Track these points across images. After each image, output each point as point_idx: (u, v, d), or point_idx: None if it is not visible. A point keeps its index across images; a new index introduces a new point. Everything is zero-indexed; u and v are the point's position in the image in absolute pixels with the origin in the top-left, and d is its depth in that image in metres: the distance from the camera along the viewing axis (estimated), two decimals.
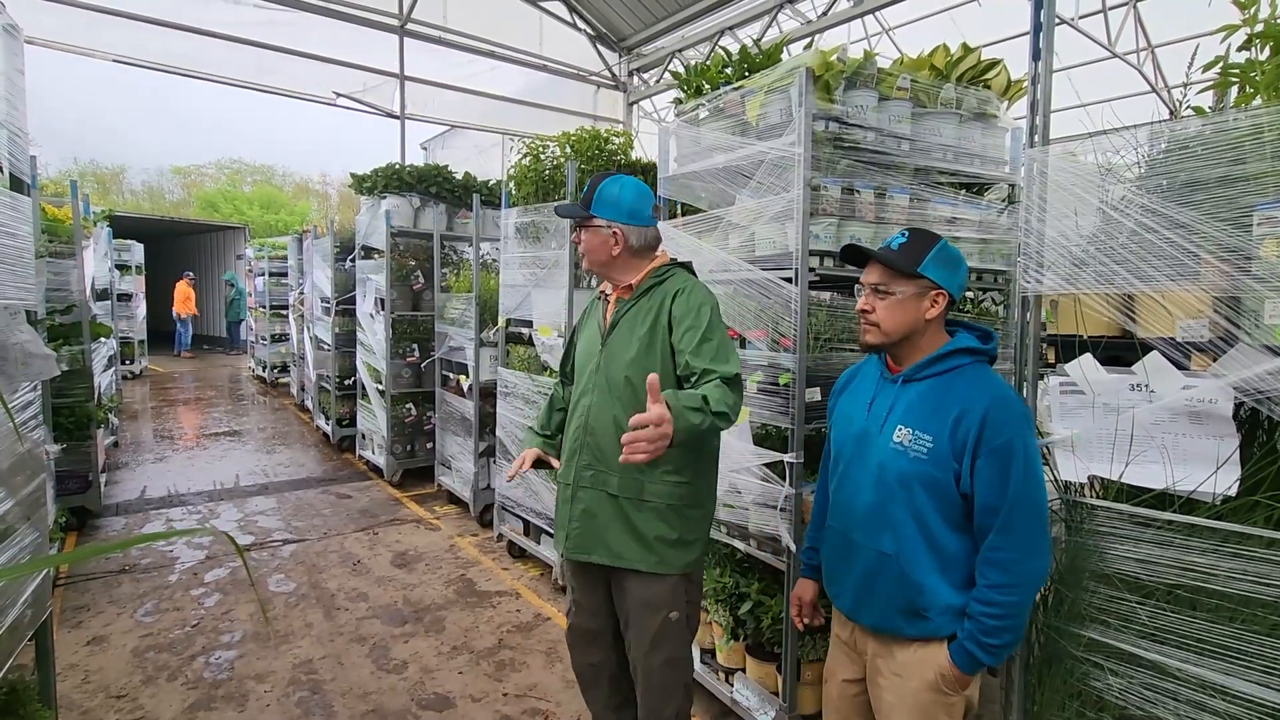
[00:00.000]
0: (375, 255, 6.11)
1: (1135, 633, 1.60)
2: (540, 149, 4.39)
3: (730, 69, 2.81)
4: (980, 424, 1.52)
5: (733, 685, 2.70)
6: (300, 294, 9.02)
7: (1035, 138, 1.84)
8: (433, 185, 5.80)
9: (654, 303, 2.00)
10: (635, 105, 12.22)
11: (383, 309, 5.78)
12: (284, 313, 11.00)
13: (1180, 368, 1.56)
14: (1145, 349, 1.61)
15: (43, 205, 4.49)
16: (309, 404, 8.51)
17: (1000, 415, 1.52)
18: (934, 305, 1.63)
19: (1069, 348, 1.79)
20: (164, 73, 8.82)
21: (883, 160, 2.59)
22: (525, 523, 4.23)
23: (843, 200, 2.48)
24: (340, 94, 9.94)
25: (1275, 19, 1.57)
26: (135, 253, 11.63)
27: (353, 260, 6.49)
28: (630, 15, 11.05)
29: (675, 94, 3.29)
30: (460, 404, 5.12)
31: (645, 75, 11.98)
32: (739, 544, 2.63)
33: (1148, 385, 1.60)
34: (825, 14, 8.68)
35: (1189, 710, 1.51)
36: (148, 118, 45.17)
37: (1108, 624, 1.65)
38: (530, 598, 3.86)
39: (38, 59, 7.42)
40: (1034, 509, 1.51)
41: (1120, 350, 1.72)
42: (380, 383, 5.90)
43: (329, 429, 7.33)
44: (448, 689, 2.99)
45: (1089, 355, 1.71)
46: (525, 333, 4.21)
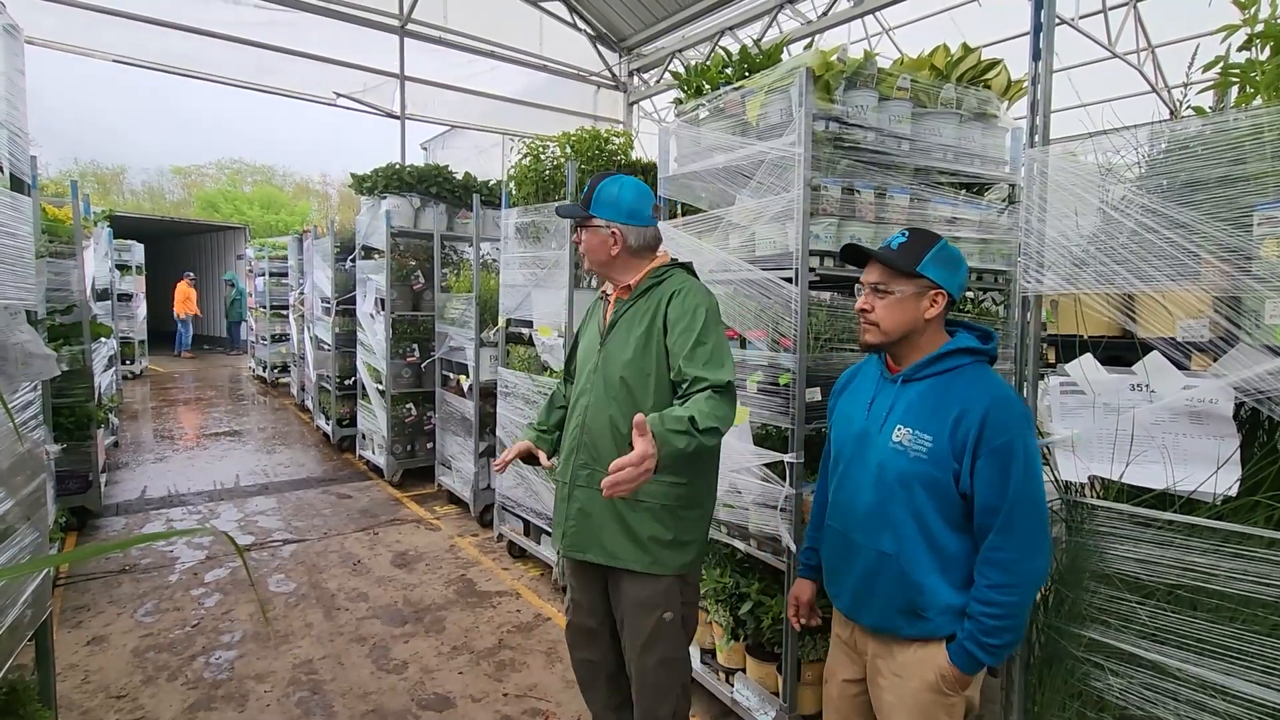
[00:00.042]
0: (375, 255, 6.11)
1: (1135, 633, 1.60)
2: (540, 149, 4.39)
3: (730, 69, 2.81)
4: (980, 424, 1.52)
5: (733, 685, 2.70)
6: (300, 294, 9.02)
7: (1035, 138, 1.84)
8: (433, 185, 5.80)
9: (651, 304, 1.99)
10: (635, 105, 12.22)
11: (383, 309, 5.78)
12: (284, 313, 11.01)
13: (1181, 368, 1.56)
14: (1145, 349, 1.61)
15: (43, 205, 4.49)
16: (309, 404, 8.51)
17: (1000, 415, 1.52)
18: (934, 305, 1.63)
19: (1069, 348, 1.79)
20: (164, 73, 8.82)
21: (883, 160, 2.59)
22: (525, 523, 4.23)
23: (843, 200, 2.48)
24: (340, 94, 9.94)
25: (1275, 19, 1.57)
26: (135, 253, 11.64)
27: (353, 260, 6.49)
28: (630, 15, 11.05)
29: (675, 94, 3.29)
30: (460, 404, 5.12)
31: (645, 75, 11.99)
32: (739, 544, 2.63)
33: (1148, 385, 1.60)
34: (825, 14, 8.69)
35: (1189, 710, 1.51)
36: (148, 118, 45.30)
37: (1108, 624, 1.65)
38: (530, 598, 3.86)
39: (38, 59, 7.42)
40: (1034, 509, 1.51)
41: (1120, 350, 1.72)
42: (380, 383, 5.90)
43: (329, 429, 7.34)
44: (448, 689, 2.99)
45: (1089, 355, 1.71)
46: (525, 333, 4.21)
